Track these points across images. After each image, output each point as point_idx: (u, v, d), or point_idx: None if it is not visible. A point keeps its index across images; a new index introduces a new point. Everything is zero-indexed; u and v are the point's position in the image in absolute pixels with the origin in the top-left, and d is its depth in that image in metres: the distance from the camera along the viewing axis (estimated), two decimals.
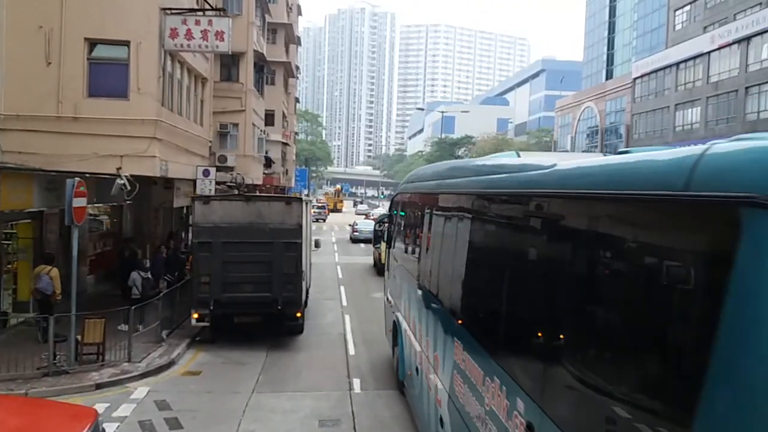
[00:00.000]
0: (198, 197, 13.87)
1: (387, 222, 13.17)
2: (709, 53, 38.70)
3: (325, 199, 79.29)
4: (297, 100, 59.61)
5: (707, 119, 38.98)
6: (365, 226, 35.60)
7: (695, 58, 40.21)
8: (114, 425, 8.82)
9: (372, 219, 35.73)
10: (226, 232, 12.76)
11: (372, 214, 48.67)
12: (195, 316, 12.80)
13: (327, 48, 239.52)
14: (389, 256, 12.24)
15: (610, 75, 71.59)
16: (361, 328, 15.34)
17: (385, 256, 13.21)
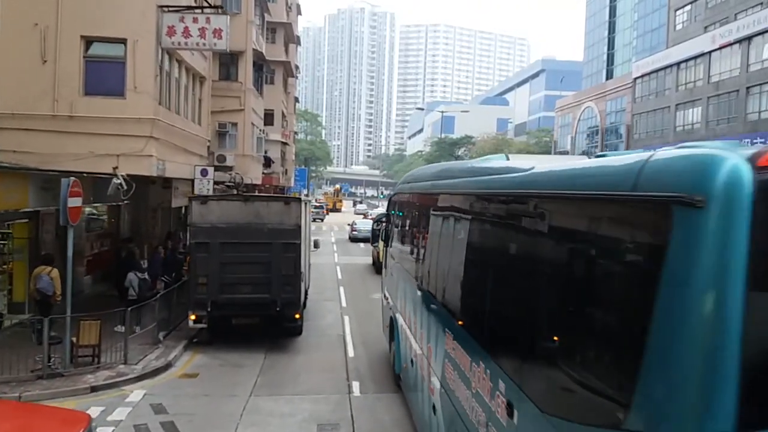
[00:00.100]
0: (195, 197, 13.71)
1: (385, 221, 13.36)
2: (710, 53, 38.56)
3: (325, 199, 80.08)
4: (296, 99, 59.49)
5: (708, 119, 38.83)
6: (364, 225, 36.29)
7: (696, 57, 40.07)
8: (109, 429, 8.68)
9: (370, 219, 36.28)
10: (223, 232, 12.61)
11: (370, 214, 49.22)
12: (192, 317, 12.65)
13: (326, 48, 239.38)
14: (386, 254, 12.56)
15: (610, 75, 71.50)
16: (361, 329, 15.18)
17: (383, 254, 13.51)
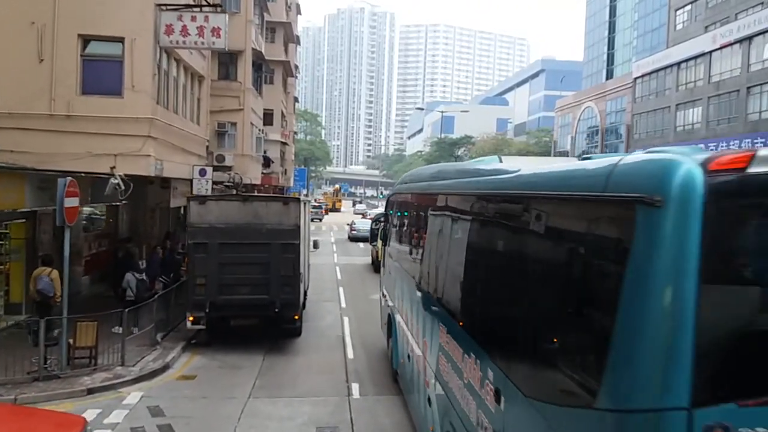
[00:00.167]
0: (194, 197, 13.58)
1: (383, 221, 13.74)
2: (711, 53, 38.46)
3: (324, 199, 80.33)
4: (296, 99, 59.39)
5: (708, 119, 38.73)
6: (363, 225, 36.80)
7: (696, 57, 39.97)
8: None
9: (369, 218, 36.97)
10: (222, 232, 12.50)
11: (369, 213, 49.77)
12: (190, 318, 12.54)
13: (326, 48, 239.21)
14: (385, 253, 12.84)
15: (610, 75, 71.41)
16: (360, 330, 15.07)
17: (381, 253, 13.87)
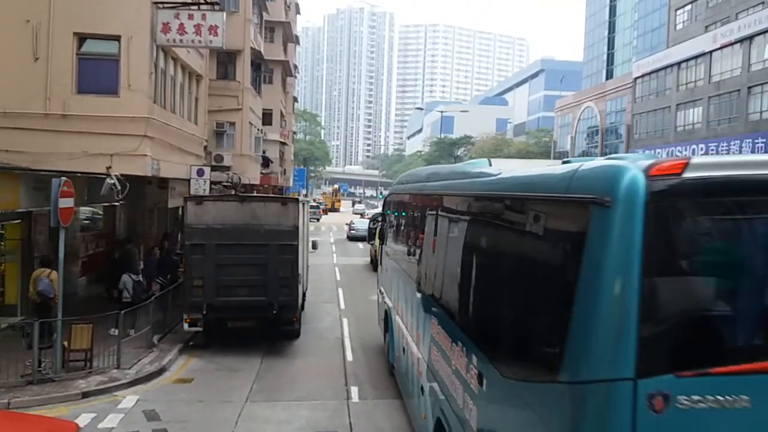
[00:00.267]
0: (190, 197, 13.41)
1: (380, 220, 14.13)
2: (711, 53, 38.31)
3: (323, 199, 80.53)
4: (295, 99, 59.26)
5: (709, 119, 38.59)
6: (361, 224, 37.67)
7: (697, 57, 39.82)
8: None
9: (367, 218, 37.93)
10: (219, 233, 12.34)
11: (367, 213, 50.41)
12: (187, 320, 12.37)
13: (326, 48, 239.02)
14: (382, 251, 13.32)
15: (610, 75, 71.25)
16: (360, 332, 14.91)
17: (379, 252, 14.44)
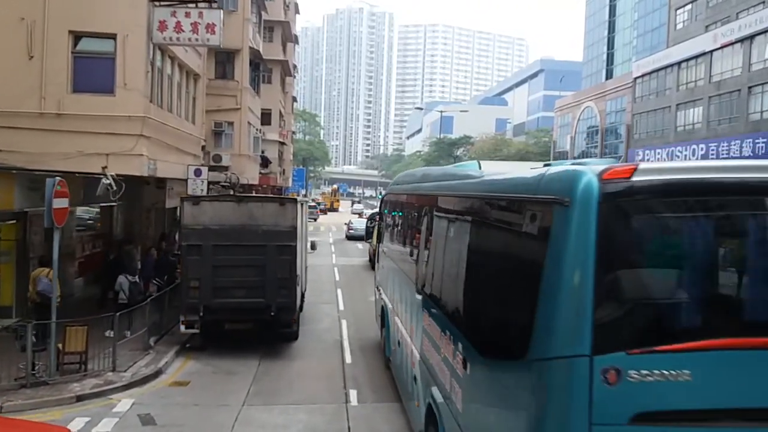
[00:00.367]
0: (187, 197, 13.25)
1: (377, 219, 14.78)
2: (711, 52, 38.13)
3: (322, 199, 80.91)
4: (294, 99, 59.11)
5: (709, 119, 38.42)
6: (360, 224, 38.11)
7: (697, 57, 39.64)
8: None
9: (365, 218, 38.32)
10: (216, 234, 12.19)
11: (365, 213, 50.99)
12: (184, 322, 12.21)
13: (325, 48, 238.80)
14: (379, 250, 13.92)
15: (610, 75, 71.13)
16: (359, 334, 14.75)
17: (376, 250, 15.13)
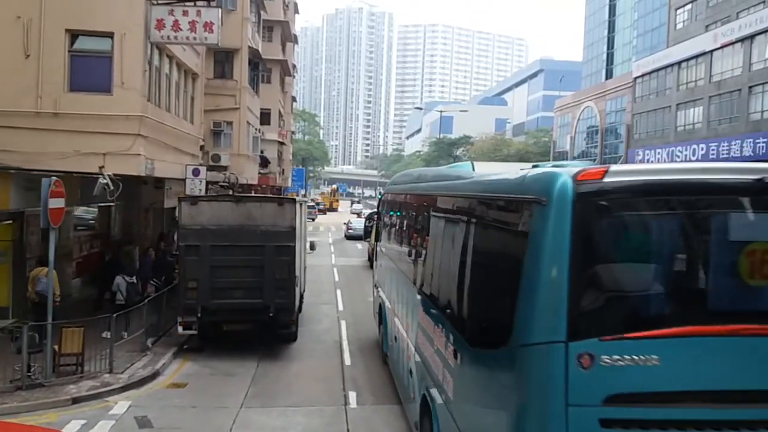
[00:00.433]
0: (185, 197, 13.13)
1: (375, 219, 15.24)
2: (712, 52, 38.02)
3: (321, 199, 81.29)
4: (294, 99, 58.99)
5: (710, 119, 38.31)
6: (358, 224, 38.48)
7: (697, 57, 39.52)
8: None
9: (363, 218, 38.58)
10: (214, 234, 12.08)
11: (364, 213, 51.35)
12: (181, 323, 12.10)
13: (324, 48, 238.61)
14: (376, 248, 14.36)
15: (609, 74, 71.00)
16: (358, 335, 14.65)
17: (374, 249, 15.69)
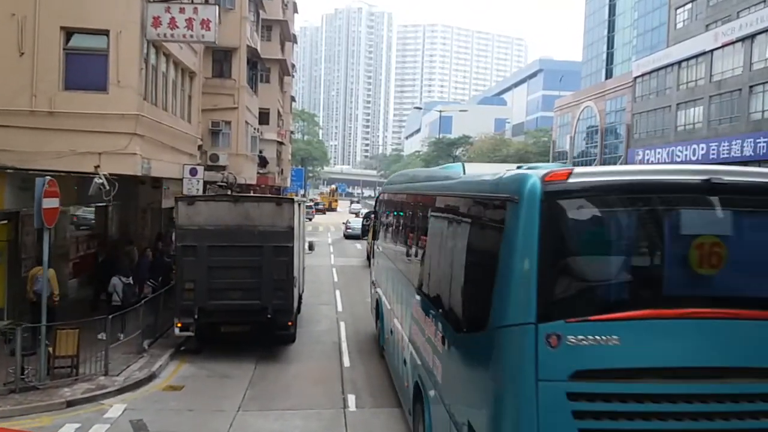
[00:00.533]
0: (182, 197, 12.96)
1: (372, 218, 16.09)
2: (712, 51, 37.89)
3: (320, 198, 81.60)
4: (293, 98, 58.81)
5: (710, 119, 38.17)
6: (357, 223, 39.38)
7: (697, 56, 39.39)
8: None
9: (361, 217, 39.14)
10: (212, 234, 11.93)
11: (362, 213, 51.60)
12: (178, 325, 11.94)
13: (324, 47, 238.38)
14: (373, 246, 15.03)
15: (609, 74, 70.87)
16: (357, 336, 14.50)
17: (371, 246, 16.60)
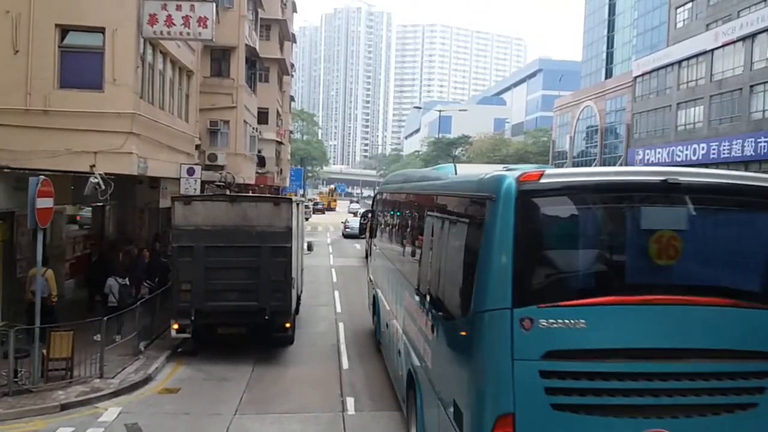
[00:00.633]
0: (178, 197, 12.80)
1: (369, 216, 16.46)
2: (712, 51, 37.77)
3: (319, 198, 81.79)
4: (292, 98, 58.67)
5: (710, 118, 38.04)
6: (355, 223, 39.39)
7: (698, 56, 39.27)
8: None
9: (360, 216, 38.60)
10: (209, 235, 11.77)
11: (359, 212, 51.67)
12: (175, 326, 11.78)
13: (323, 47, 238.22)
14: (371, 244, 15.55)
15: (609, 74, 70.75)
16: (356, 338, 14.34)
17: (368, 244, 17.12)
